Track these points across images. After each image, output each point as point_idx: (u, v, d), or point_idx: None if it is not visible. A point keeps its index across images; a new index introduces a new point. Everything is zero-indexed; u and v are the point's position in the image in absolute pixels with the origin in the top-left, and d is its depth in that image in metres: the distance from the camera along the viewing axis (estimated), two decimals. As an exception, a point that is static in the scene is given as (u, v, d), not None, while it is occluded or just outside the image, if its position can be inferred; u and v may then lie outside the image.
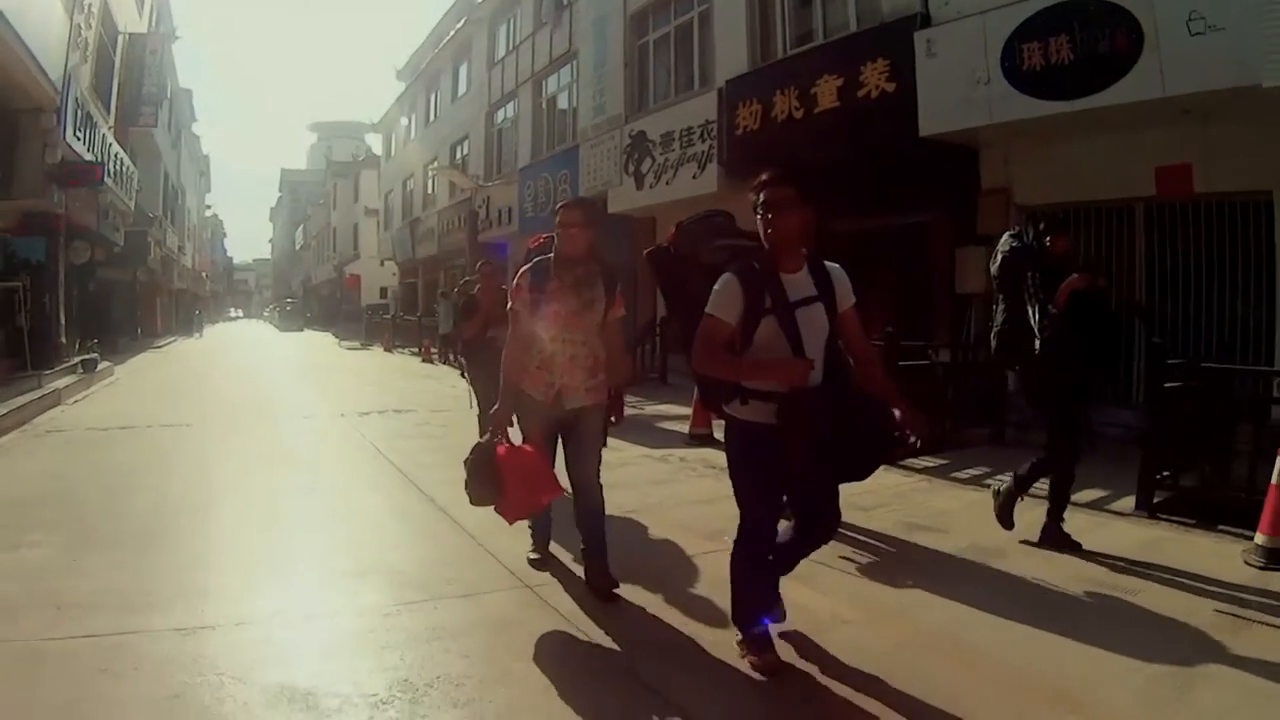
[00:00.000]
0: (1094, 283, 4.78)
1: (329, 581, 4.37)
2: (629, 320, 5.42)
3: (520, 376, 4.03)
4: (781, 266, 3.00)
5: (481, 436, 4.25)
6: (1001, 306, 5.07)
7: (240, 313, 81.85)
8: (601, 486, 4.25)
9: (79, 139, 14.48)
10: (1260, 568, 4.57)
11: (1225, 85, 7.92)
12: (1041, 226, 5.02)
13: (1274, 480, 4.72)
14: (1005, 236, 5.19)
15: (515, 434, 4.11)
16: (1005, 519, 5.07)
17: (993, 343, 5.22)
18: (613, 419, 4.25)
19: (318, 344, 33.49)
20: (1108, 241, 10.02)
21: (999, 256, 5.08)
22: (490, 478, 3.83)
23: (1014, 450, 7.69)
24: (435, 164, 29.83)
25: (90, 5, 14.88)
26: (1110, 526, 5.51)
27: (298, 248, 77.19)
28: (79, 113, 14.37)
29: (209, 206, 61.82)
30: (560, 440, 4.20)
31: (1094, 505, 5.96)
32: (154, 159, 27.44)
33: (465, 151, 28.35)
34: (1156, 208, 9.66)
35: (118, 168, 18.31)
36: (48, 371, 13.12)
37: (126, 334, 26.24)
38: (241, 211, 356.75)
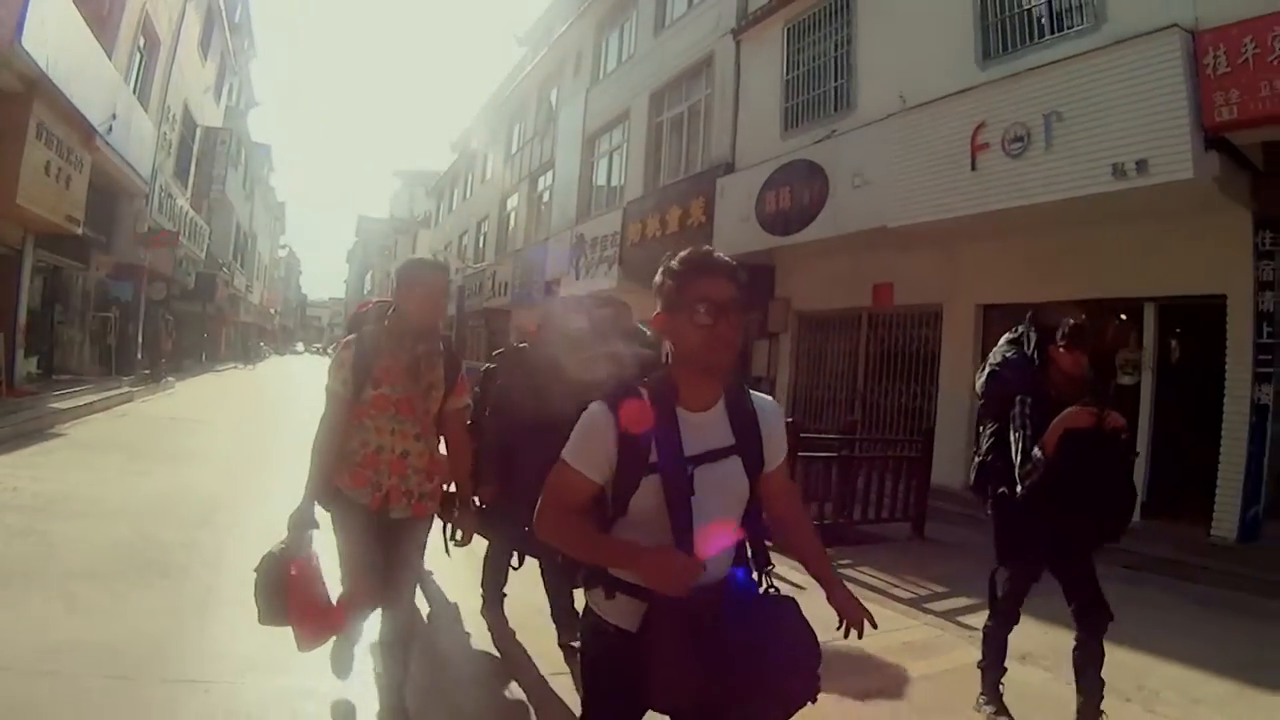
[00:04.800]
0: (1101, 422, 3.56)
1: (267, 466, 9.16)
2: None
3: (337, 471, 3.17)
4: (686, 399, 1.91)
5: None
6: (986, 433, 4.05)
7: (302, 347, 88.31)
8: (416, 609, 3.66)
9: (162, 213, 20.03)
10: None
11: (869, 226, 10.36)
12: (1060, 334, 3.83)
13: None
14: (1002, 342, 4.13)
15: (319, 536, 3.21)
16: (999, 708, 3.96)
17: (970, 475, 4.21)
18: (458, 537, 3.50)
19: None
20: (843, 340, 12.64)
21: (985, 371, 4.08)
22: (278, 600, 3.07)
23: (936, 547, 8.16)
24: (465, 235, 35.13)
25: (174, 113, 20.53)
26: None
27: (365, 292, 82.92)
28: (162, 194, 19.93)
29: (284, 247, 68.84)
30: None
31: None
32: (228, 212, 33.31)
33: (486, 229, 32.73)
34: (873, 315, 12.25)
35: (192, 228, 23.98)
36: (126, 378, 18.52)
37: (193, 357, 32.04)
38: (324, 249, 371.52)
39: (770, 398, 2.11)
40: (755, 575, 2.01)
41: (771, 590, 2.00)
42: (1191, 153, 7.15)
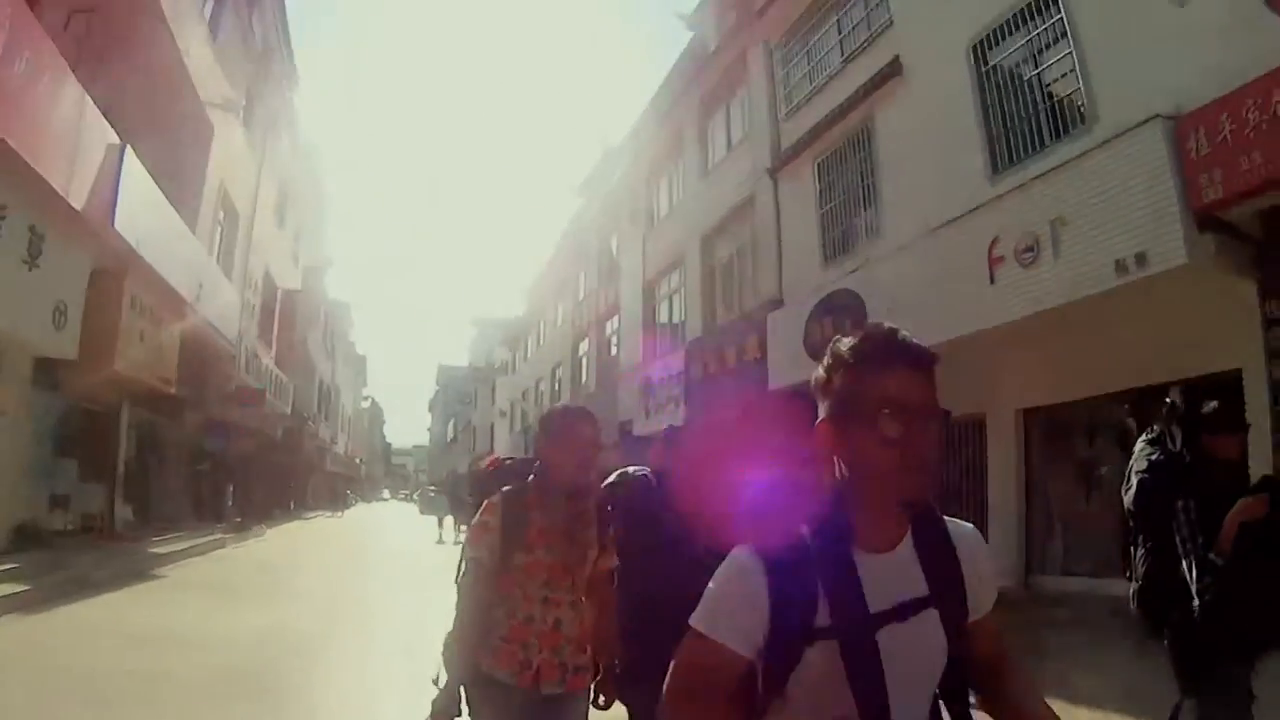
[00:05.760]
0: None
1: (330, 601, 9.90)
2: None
3: (479, 651, 2.77)
4: (864, 537, 1.45)
5: None
6: (1142, 551, 3.58)
7: (388, 494, 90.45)
8: None
9: (248, 371, 21.55)
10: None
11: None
12: (1206, 421, 3.44)
13: None
14: (1140, 443, 3.72)
15: None
16: None
17: (1132, 603, 3.66)
18: (600, 701, 3.05)
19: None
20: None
21: (1133, 481, 3.61)
22: None
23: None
24: (541, 381, 35.95)
25: (255, 279, 22.32)
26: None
27: (449, 439, 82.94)
28: (248, 354, 21.46)
29: (367, 398, 71.50)
30: None
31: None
32: (310, 368, 35.23)
33: (560, 374, 32.81)
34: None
35: (277, 385, 25.56)
36: (219, 525, 19.60)
37: (282, 506, 33.40)
38: (407, 398, 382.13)
39: (971, 525, 1.60)
40: None
41: None
42: (1184, 238, 7.15)
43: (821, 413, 1.49)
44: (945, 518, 1.54)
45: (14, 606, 7.86)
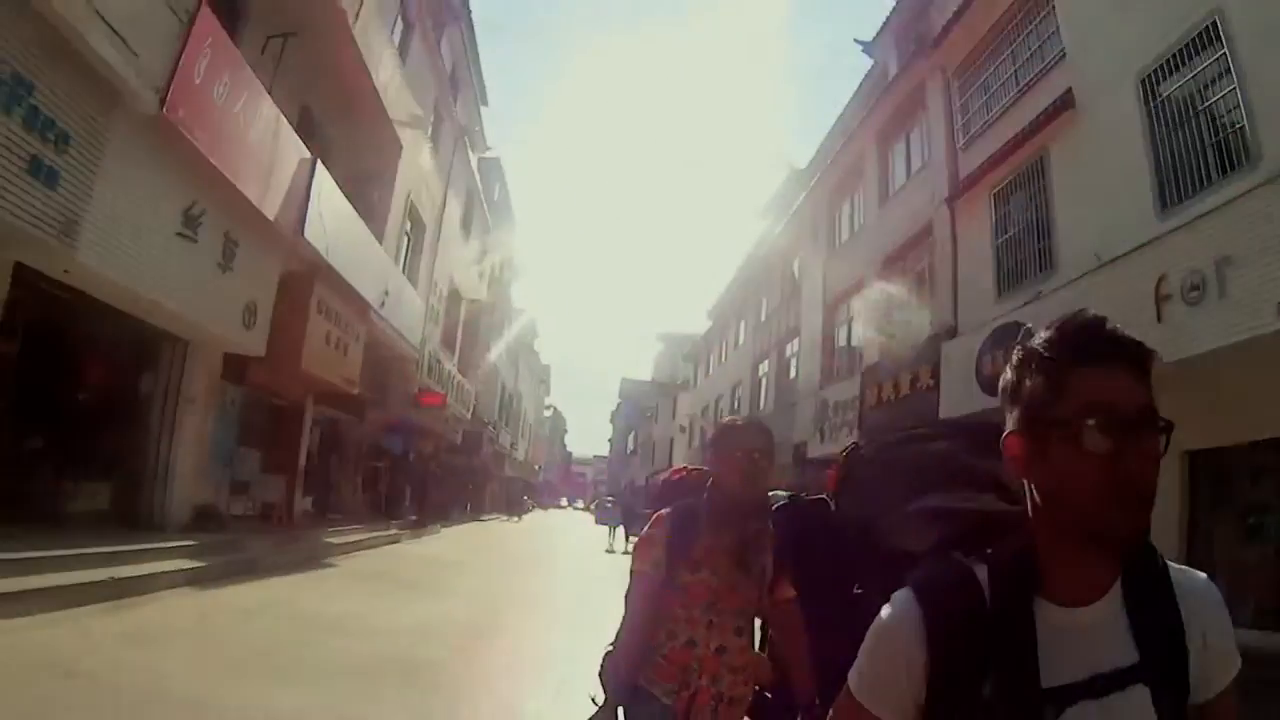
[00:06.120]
0: None
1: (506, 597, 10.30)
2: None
3: (639, 670, 2.63)
4: (1055, 586, 1.14)
5: None
6: None
7: (566, 502, 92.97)
8: None
9: (430, 376, 22.67)
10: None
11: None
12: None
13: None
14: None
15: None
16: None
17: None
18: None
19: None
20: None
21: None
22: None
23: None
24: (720, 399, 36.17)
25: (440, 287, 23.45)
26: None
27: (629, 451, 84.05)
28: (431, 359, 22.57)
29: (549, 406, 73.79)
30: None
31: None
32: (493, 375, 36.67)
33: (740, 394, 32.83)
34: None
35: (459, 391, 26.75)
36: (394, 521, 20.67)
37: (459, 508, 34.89)
38: (589, 409, 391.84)
39: (1204, 576, 1.23)
40: None
41: None
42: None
43: (1009, 425, 1.18)
44: (1170, 564, 1.20)
45: (187, 581, 8.52)
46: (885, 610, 1.19)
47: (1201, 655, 1.14)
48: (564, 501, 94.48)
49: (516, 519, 45.61)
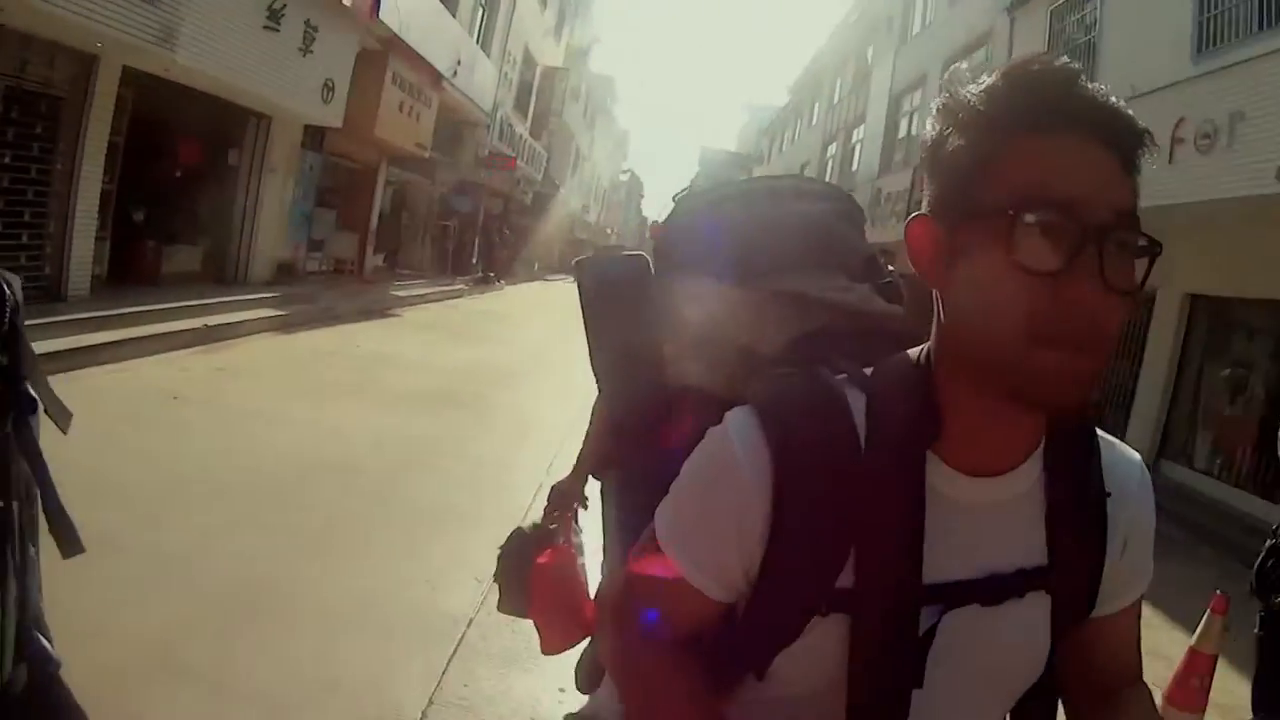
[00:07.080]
0: None
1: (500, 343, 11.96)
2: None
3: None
4: (955, 446, 0.78)
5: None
6: None
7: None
8: None
9: (501, 139, 23.65)
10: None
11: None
12: None
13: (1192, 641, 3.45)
14: None
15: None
16: None
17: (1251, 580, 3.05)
18: None
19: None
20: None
21: None
22: (521, 590, 2.24)
23: None
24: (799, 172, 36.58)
25: (514, 56, 23.97)
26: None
27: None
28: (502, 124, 23.48)
29: (626, 171, 74.07)
30: None
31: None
32: (567, 139, 37.28)
33: (808, 172, 32.13)
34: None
35: (530, 154, 27.75)
36: (461, 278, 22.46)
37: (526, 267, 36.69)
38: (668, 175, 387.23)
39: (1138, 457, 0.92)
40: None
41: None
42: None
43: (923, 204, 0.82)
44: (1103, 437, 0.90)
45: (269, 328, 10.22)
46: (714, 434, 0.84)
47: (1117, 563, 0.88)
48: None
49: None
